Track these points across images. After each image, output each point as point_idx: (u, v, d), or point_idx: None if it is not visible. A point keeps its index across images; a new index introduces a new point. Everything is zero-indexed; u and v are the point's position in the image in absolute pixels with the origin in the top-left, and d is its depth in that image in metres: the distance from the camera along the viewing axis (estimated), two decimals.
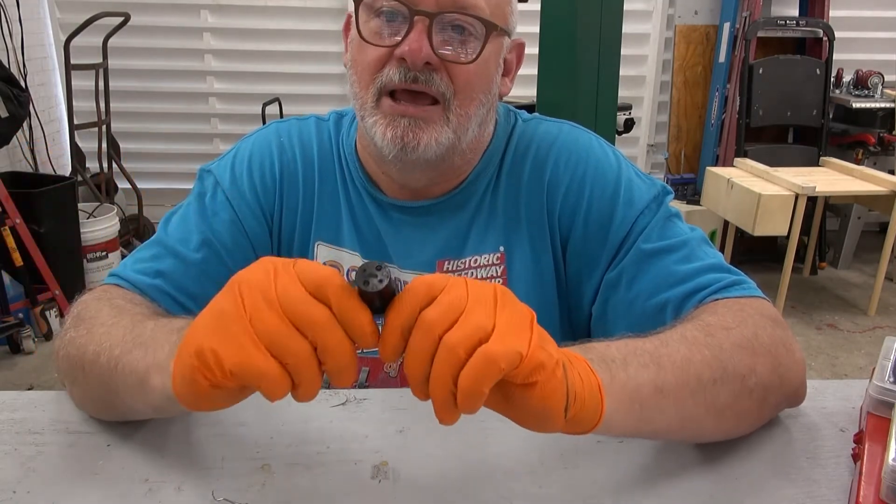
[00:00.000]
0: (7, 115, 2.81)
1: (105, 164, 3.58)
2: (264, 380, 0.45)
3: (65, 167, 3.77)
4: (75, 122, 3.33)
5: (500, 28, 0.76)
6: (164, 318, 0.68)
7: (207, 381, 0.46)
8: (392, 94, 0.75)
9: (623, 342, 0.61)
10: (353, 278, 0.46)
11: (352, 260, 0.87)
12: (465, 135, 0.78)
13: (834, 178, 3.27)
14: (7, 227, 2.72)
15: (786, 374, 0.68)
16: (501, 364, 0.45)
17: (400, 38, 0.73)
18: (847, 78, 3.86)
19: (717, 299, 0.74)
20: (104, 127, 3.49)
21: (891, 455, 0.56)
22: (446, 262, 0.85)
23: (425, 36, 0.72)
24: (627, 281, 0.80)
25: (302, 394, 0.47)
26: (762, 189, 2.98)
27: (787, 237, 3.08)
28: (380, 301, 0.47)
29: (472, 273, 0.85)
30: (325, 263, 0.87)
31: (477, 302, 0.47)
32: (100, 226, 3.23)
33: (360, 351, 0.86)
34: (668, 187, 0.85)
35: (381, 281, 0.46)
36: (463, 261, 0.86)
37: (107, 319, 0.68)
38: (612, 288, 0.81)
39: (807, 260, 3.74)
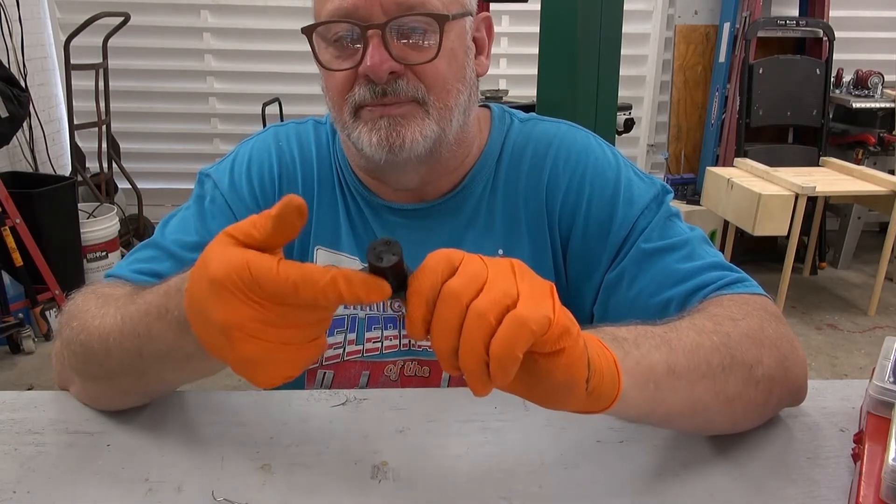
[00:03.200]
0: (7, 115, 2.81)
1: (105, 164, 3.58)
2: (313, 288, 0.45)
3: (65, 167, 3.77)
4: (75, 122, 3.34)
5: (453, 15, 0.75)
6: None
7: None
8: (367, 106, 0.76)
9: (632, 326, 0.61)
10: (366, 256, 0.46)
11: (350, 265, 0.86)
12: (449, 125, 0.78)
13: (834, 178, 3.26)
14: (7, 227, 2.72)
15: (790, 368, 0.68)
16: (533, 326, 0.44)
17: (359, 57, 0.72)
18: (847, 78, 3.86)
19: (720, 295, 0.74)
20: (104, 127, 3.49)
21: (891, 455, 0.56)
22: None
23: (382, 47, 0.72)
24: (629, 280, 0.80)
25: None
26: (762, 189, 2.98)
27: (787, 237, 3.08)
28: (393, 278, 0.47)
29: None
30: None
31: (497, 272, 0.47)
32: (100, 226, 3.23)
33: (363, 354, 0.86)
34: (668, 187, 0.85)
35: (394, 255, 0.45)
36: None
37: (94, 309, 0.68)
38: (613, 288, 0.81)
39: (807, 260, 3.74)
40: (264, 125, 2.73)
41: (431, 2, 0.73)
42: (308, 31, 0.75)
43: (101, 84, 3.43)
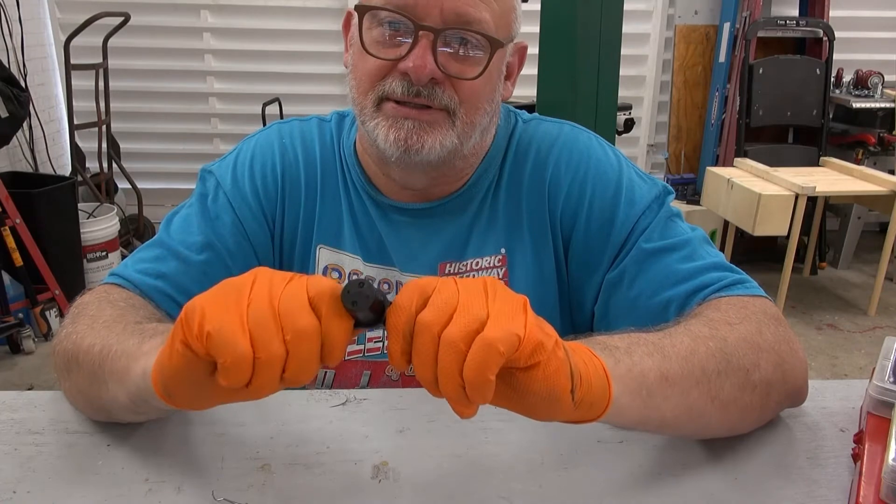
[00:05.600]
0: (7, 115, 2.81)
1: (105, 164, 3.58)
2: (232, 354, 0.45)
3: (65, 167, 3.77)
4: (75, 122, 3.33)
5: (504, 41, 0.76)
6: (166, 322, 0.69)
7: (183, 335, 0.46)
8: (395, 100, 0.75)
9: (625, 334, 0.61)
10: (341, 298, 0.48)
11: (353, 263, 0.87)
12: (467, 140, 0.78)
13: (834, 178, 3.26)
14: (7, 227, 2.72)
15: (789, 372, 0.68)
16: (500, 347, 0.45)
17: (403, 52, 0.72)
18: (847, 78, 3.86)
19: (720, 297, 0.74)
20: (104, 127, 3.49)
21: (891, 455, 0.56)
22: (448, 265, 0.85)
23: (430, 52, 0.71)
24: (629, 280, 0.80)
25: (252, 391, 0.47)
26: (762, 189, 2.98)
27: (787, 237, 3.08)
28: (373, 314, 0.48)
29: (474, 275, 0.85)
30: (326, 267, 0.87)
31: (468, 295, 0.47)
32: (100, 226, 3.23)
33: (364, 355, 0.86)
34: (670, 187, 0.85)
35: (368, 297, 0.47)
36: (464, 263, 0.85)
37: (108, 318, 0.68)
38: (613, 287, 0.81)
39: (807, 260, 3.74)
40: (264, 125, 2.73)
41: (488, 22, 0.73)
42: (361, 10, 0.75)
43: (101, 84, 3.43)
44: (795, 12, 3.91)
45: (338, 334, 0.47)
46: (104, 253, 3.26)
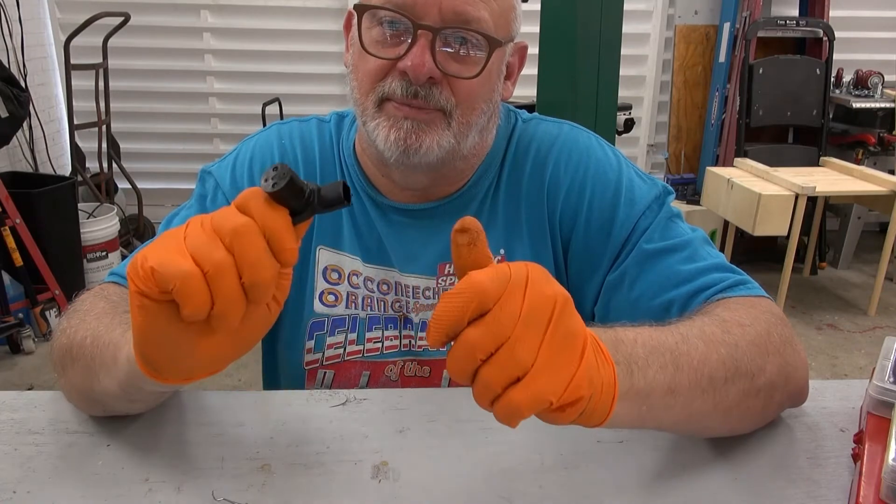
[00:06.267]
0: (7, 115, 2.81)
1: (105, 164, 3.58)
2: (181, 280, 0.45)
3: (65, 167, 3.77)
4: (75, 122, 3.33)
5: (504, 41, 0.76)
6: None
7: (133, 286, 0.46)
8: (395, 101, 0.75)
9: (648, 334, 0.59)
10: (261, 186, 0.48)
11: (353, 265, 0.87)
12: (465, 141, 0.78)
13: (834, 178, 3.26)
14: (7, 227, 2.72)
15: (792, 374, 0.68)
16: (525, 412, 0.44)
17: (402, 51, 0.72)
18: (847, 78, 3.86)
19: (726, 297, 0.74)
20: (104, 127, 3.49)
21: (891, 455, 0.56)
22: (448, 266, 0.85)
23: (428, 50, 0.71)
24: (630, 281, 0.80)
25: (219, 310, 0.46)
26: (762, 189, 2.98)
27: (787, 237, 3.08)
28: (296, 201, 0.49)
29: None
30: (325, 268, 0.87)
31: (526, 325, 0.43)
32: (100, 226, 3.23)
33: (363, 355, 0.86)
34: (670, 187, 0.85)
35: (282, 177, 0.47)
36: None
37: (99, 311, 0.69)
38: (614, 288, 0.81)
39: (807, 260, 3.74)
40: (264, 125, 2.73)
41: (487, 21, 0.73)
42: (360, 9, 0.75)
43: (101, 84, 3.43)
44: (795, 12, 3.91)
45: (275, 223, 0.47)
46: (104, 253, 3.26)
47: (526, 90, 2.79)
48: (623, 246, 0.81)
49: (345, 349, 0.86)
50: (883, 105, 3.63)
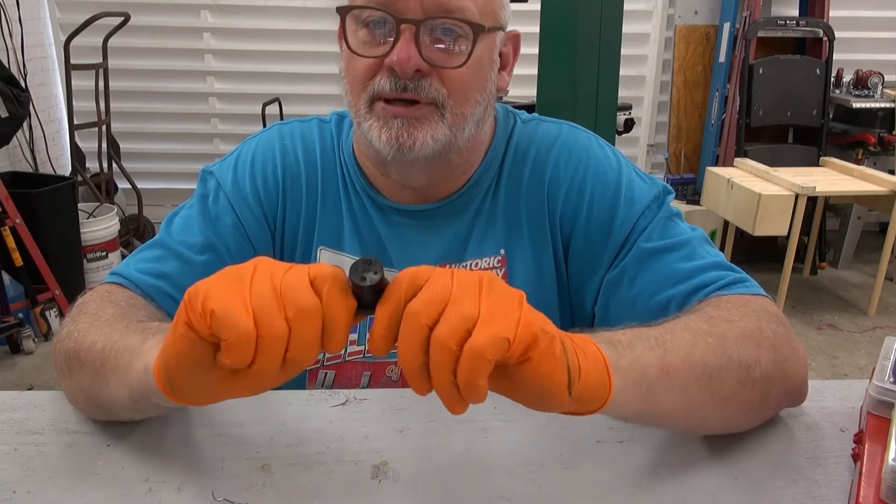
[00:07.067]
0: (7, 115, 2.81)
1: (105, 164, 3.58)
2: (235, 331, 0.45)
3: (65, 167, 3.77)
4: (75, 122, 3.33)
5: (489, 27, 0.76)
6: (168, 322, 0.69)
7: (186, 316, 0.46)
8: (385, 98, 0.75)
9: (627, 329, 0.62)
10: (348, 274, 0.48)
11: (352, 263, 0.87)
12: (461, 133, 0.78)
13: (834, 178, 3.26)
14: (7, 227, 2.72)
15: (789, 370, 0.68)
16: (488, 355, 0.45)
17: (388, 48, 0.72)
18: (847, 78, 3.86)
19: (720, 295, 0.74)
20: (104, 127, 3.49)
21: (891, 455, 0.56)
22: (448, 266, 0.85)
23: (413, 44, 0.72)
24: (629, 280, 0.80)
25: (254, 373, 0.47)
26: (762, 189, 2.98)
27: (787, 237, 3.08)
28: (371, 298, 0.49)
29: None
30: None
31: (461, 290, 0.47)
32: (100, 226, 3.23)
33: (364, 355, 0.86)
34: (669, 187, 0.85)
35: (375, 273, 0.48)
36: (464, 264, 0.85)
37: (110, 316, 0.69)
38: (613, 287, 0.81)
39: (807, 260, 3.74)
40: (264, 125, 2.73)
41: (470, 9, 0.73)
42: (343, 11, 0.75)
43: (101, 84, 3.43)
44: (795, 12, 3.91)
45: (339, 313, 0.48)
46: (104, 253, 3.26)
47: (526, 90, 2.79)
48: (622, 245, 0.81)
49: (346, 350, 0.87)
50: (883, 105, 3.63)
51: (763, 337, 0.67)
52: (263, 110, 3.68)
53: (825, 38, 3.72)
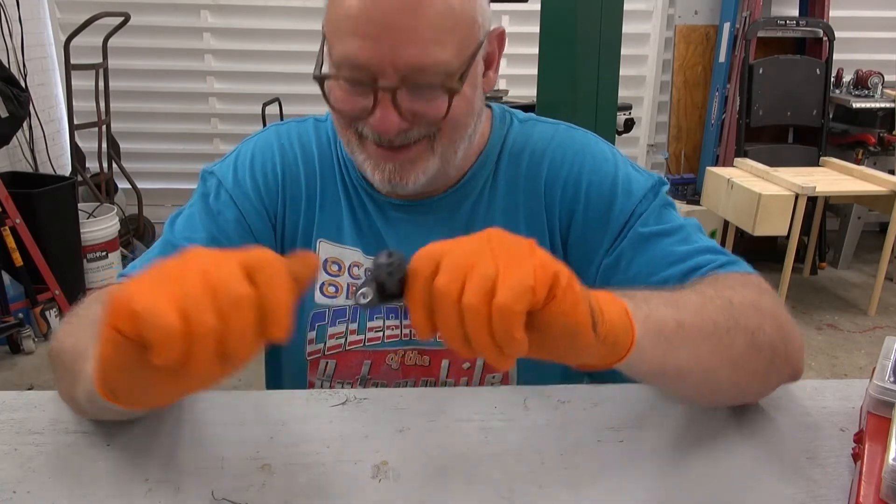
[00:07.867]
0: (7, 115, 2.81)
1: (105, 164, 3.58)
2: (160, 329, 0.43)
3: (65, 167, 3.77)
4: (75, 122, 3.33)
5: (464, 72, 0.73)
6: None
7: (110, 319, 0.44)
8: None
9: (639, 290, 0.63)
10: (372, 273, 0.51)
11: (353, 256, 0.88)
12: (453, 157, 0.80)
13: (834, 178, 3.26)
14: (7, 227, 2.72)
15: (789, 338, 0.70)
16: (516, 307, 0.46)
17: (370, 103, 0.72)
18: (847, 78, 3.86)
19: (716, 274, 0.76)
20: (104, 127, 3.49)
21: (891, 455, 0.56)
22: None
23: (391, 108, 0.71)
24: (626, 262, 0.82)
25: (191, 371, 0.45)
26: (762, 189, 2.98)
27: (787, 237, 3.07)
28: (399, 287, 0.51)
29: None
30: (326, 260, 0.88)
31: (476, 254, 0.49)
32: (100, 226, 3.23)
33: (364, 344, 0.87)
34: (664, 178, 0.87)
35: (400, 265, 0.50)
36: None
37: (93, 317, 0.68)
38: (611, 271, 0.83)
39: (807, 260, 3.74)
40: (264, 125, 2.73)
41: (444, 59, 0.71)
42: (320, 81, 0.76)
43: (101, 84, 3.43)
44: (795, 12, 3.90)
45: (277, 299, 0.46)
46: (104, 253, 3.26)
47: (526, 90, 2.79)
48: (619, 232, 0.83)
49: (346, 338, 0.88)
50: (883, 105, 3.63)
51: (763, 306, 0.69)
52: (263, 110, 3.67)
53: (825, 38, 3.72)
